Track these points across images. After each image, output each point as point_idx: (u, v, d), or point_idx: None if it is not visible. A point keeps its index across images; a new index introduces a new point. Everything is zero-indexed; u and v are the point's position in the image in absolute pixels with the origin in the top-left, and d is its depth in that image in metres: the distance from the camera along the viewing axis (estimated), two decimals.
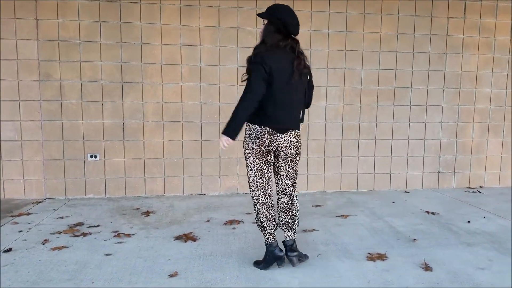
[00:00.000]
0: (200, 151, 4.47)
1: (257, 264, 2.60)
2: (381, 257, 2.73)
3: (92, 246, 2.94)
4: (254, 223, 3.40)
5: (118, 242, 3.01)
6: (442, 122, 4.89)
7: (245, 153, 2.51)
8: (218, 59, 4.40)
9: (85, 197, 4.33)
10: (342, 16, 4.53)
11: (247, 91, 2.37)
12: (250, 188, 2.57)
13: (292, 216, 2.61)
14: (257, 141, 2.43)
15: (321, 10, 4.48)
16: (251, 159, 2.48)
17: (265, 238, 2.55)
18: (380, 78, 4.69)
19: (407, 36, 4.70)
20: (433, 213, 3.82)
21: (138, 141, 4.36)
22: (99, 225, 3.40)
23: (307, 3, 4.45)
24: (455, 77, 4.86)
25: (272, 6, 2.52)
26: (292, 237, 2.59)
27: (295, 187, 2.65)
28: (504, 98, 4.99)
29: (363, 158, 4.78)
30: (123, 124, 4.32)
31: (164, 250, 2.87)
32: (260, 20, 4.41)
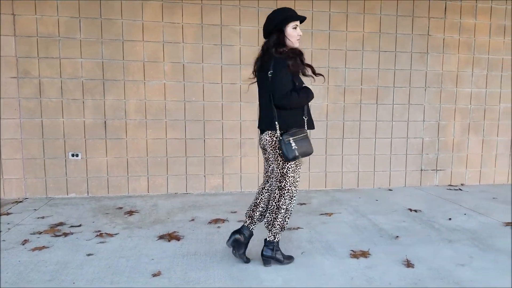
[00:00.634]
0: (184, 150, 4.43)
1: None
2: (364, 254, 2.75)
3: (74, 246, 2.88)
4: (240, 221, 3.39)
5: (100, 242, 2.96)
6: (424, 121, 4.96)
7: None
8: (202, 56, 4.36)
9: (67, 196, 4.25)
10: (325, 15, 4.55)
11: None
12: None
13: (269, 220, 2.56)
14: None
15: (305, 9, 4.49)
16: None
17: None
18: (364, 77, 4.73)
19: (389, 35, 4.75)
20: (416, 211, 3.87)
21: (121, 140, 4.30)
22: (81, 225, 3.34)
23: (291, 2, 4.45)
24: (437, 76, 4.93)
25: None
26: (268, 236, 2.57)
27: (282, 191, 2.50)
28: (484, 97, 5.09)
29: (347, 157, 4.81)
30: (105, 122, 4.25)
31: (148, 249, 2.83)
32: (244, 18, 4.42)
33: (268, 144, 2.49)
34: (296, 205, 4.05)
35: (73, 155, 4.23)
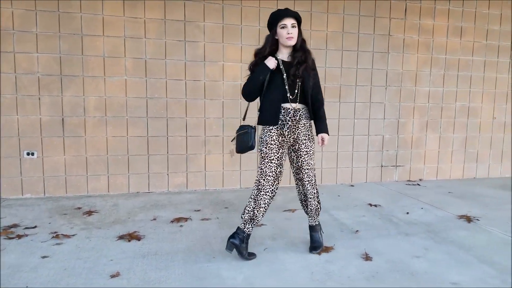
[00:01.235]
0: (146, 148, 4.35)
1: None
2: (325, 249, 2.80)
3: (28, 248, 2.76)
4: (204, 219, 3.36)
5: (57, 244, 2.85)
6: (385, 119, 5.10)
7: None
8: (165, 52, 4.29)
9: (22, 197, 4.07)
10: None
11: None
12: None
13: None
14: None
15: (269, 7, 4.50)
16: None
17: None
18: (327, 76, 4.80)
19: (352, 35, 4.85)
20: (376, 205, 3.98)
21: (80, 137, 4.16)
22: (36, 226, 3.21)
23: (255, 2, 4.45)
24: (397, 75, 5.08)
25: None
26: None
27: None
28: (441, 96, 5.29)
29: None
30: (62, 119, 4.10)
31: (107, 250, 2.76)
32: (208, 14, 4.36)
33: (307, 139, 2.65)
34: None
35: (28, 153, 4.05)
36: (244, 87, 2.62)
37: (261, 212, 2.64)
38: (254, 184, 2.64)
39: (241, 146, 2.63)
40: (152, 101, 4.31)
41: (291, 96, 2.57)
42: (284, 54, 2.61)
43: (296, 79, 2.55)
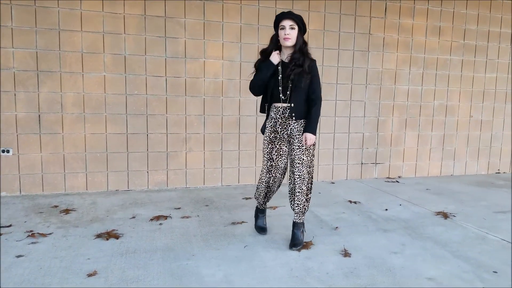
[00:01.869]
0: (126, 145, 4.29)
1: None
2: (305, 245, 2.81)
3: (2, 247, 2.69)
4: (184, 217, 3.33)
5: (32, 243, 2.79)
6: (365, 117, 5.16)
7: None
8: (145, 48, 4.24)
9: None
10: (271, 11, 4.58)
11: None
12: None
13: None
14: None
15: (251, 4, 4.50)
16: None
17: None
18: None
19: (332, 33, 4.88)
20: (355, 202, 4.02)
21: (57, 134, 4.07)
22: (11, 225, 3.13)
23: None
24: (377, 74, 5.14)
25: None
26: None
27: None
28: (419, 94, 5.38)
29: None
30: (39, 116, 4.01)
31: (84, 249, 2.71)
32: (189, 10, 4.32)
33: (300, 134, 2.77)
34: (242, 199, 4.07)
35: (3, 151, 3.95)
36: (251, 82, 2.86)
37: (261, 198, 3.05)
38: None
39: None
40: (131, 98, 4.25)
41: (283, 97, 2.76)
42: (284, 55, 2.79)
43: (289, 81, 2.72)
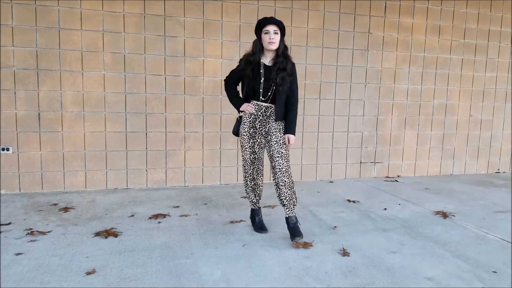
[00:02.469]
0: (125, 143, 4.29)
1: None
2: (303, 245, 2.82)
3: (1, 245, 2.70)
4: (182, 216, 3.34)
5: (31, 241, 2.80)
6: (364, 116, 5.16)
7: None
8: (144, 47, 4.24)
9: None
10: (270, 10, 4.58)
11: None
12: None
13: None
14: None
15: (250, 3, 4.50)
16: None
17: None
18: (307, 73, 4.83)
19: (332, 32, 4.88)
20: (354, 201, 4.03)
21: (56, 133, 4.08)
22: (10, 223, 3.14)
23: None
24: (376, 73, 5.14)
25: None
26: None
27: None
28: (419, 94, 5.38)
29: (291, 150, 4.89)
30: (38, 114, 4.01)
31: (83, 247, 2.72)
32: (188, 9, 4.32)
33: (278, 131, 2.94)
34: (240, 198, 4.08)
35: (3, 149, 3.95)
36: (226, 85, 3.09)
37: (252, 196, 3.16)
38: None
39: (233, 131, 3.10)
40: (131, 96, 4.26)
41: (263, 98, 2.92)
42: (267, 58, 2.91)
43: (272, 83, 2.87)
